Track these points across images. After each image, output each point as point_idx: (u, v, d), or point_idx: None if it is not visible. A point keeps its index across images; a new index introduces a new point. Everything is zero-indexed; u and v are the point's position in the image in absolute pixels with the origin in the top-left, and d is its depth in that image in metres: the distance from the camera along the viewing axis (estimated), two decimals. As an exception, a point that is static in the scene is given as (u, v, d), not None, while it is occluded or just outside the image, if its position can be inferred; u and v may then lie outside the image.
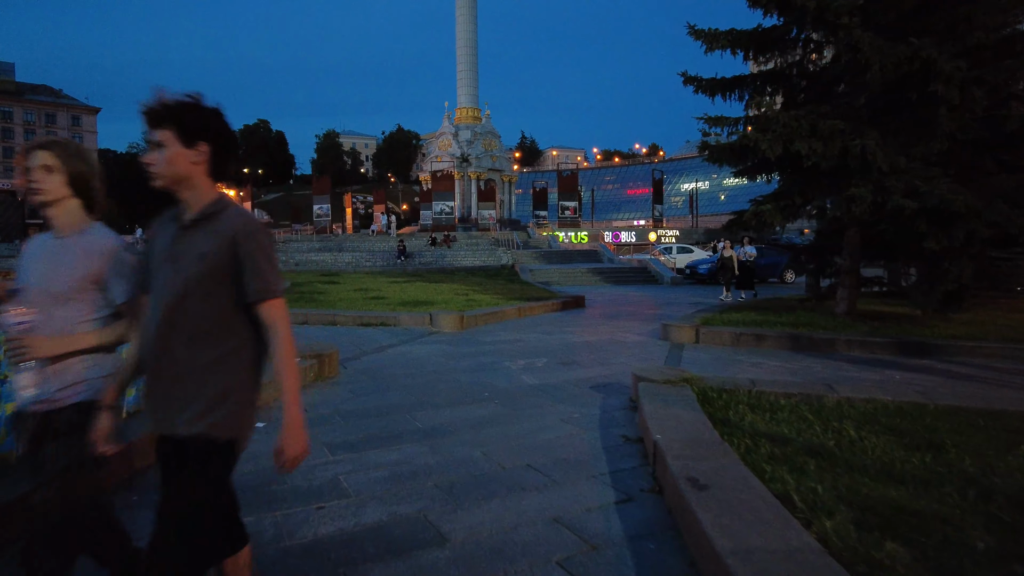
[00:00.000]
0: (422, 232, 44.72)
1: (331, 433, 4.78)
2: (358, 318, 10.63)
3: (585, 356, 7.94)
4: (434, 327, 10.24)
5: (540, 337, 9.57)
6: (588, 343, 9.02)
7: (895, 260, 10.43)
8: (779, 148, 8.74)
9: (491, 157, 51.84)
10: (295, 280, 20.24)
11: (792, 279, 24.88)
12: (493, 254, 32.98)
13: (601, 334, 9.99)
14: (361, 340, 9.08)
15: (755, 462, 3.68)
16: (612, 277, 24.83)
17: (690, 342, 9.05)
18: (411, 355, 7.95)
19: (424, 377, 6.68)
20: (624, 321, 11.90)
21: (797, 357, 8.06)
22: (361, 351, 8.18)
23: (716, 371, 7.10)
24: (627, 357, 7.90)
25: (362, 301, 13.36)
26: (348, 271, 27.19)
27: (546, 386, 6.26)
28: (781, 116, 8.76)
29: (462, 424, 4.98)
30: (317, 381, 6.45)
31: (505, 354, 8.03)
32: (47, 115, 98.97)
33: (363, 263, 32.65)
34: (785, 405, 5.01)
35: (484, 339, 9.34)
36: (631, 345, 8.89)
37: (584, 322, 11.74)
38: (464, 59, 51.36)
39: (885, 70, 8.62)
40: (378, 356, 7.87)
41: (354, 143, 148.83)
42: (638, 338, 9.56)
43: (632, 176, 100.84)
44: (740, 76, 11.46)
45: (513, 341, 9.14)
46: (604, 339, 9.42)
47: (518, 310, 12.38)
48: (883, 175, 8.53)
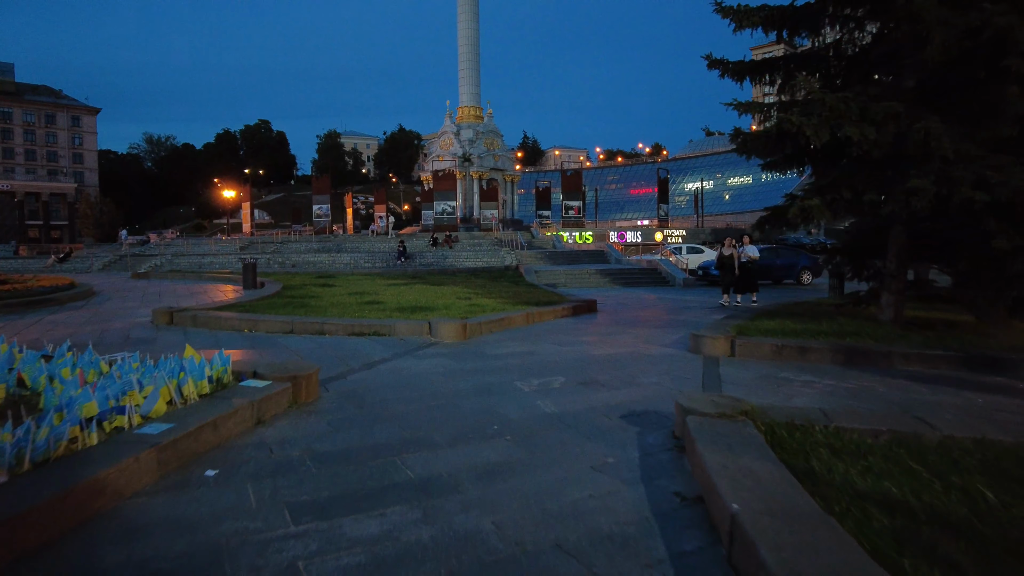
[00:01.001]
0: (423, 232, 43.69)
1: (297, 487, 3.71)
2: (349, 327, 9.55)
3: (608, 374, 6.85)
4: (433, 337, 9.17)
5: (553, 349, 8.48)
6: (609, 357, 7.93)
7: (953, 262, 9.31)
8: (825, 134, 7.65)
9: (493, 156, 50.83)
10: (288, 283, 19.19)
11: (809, 280, 23.75)
12: (496, 255, 31.92)
13: (621, 345, 8.90)
14: (350, 353, 8.00)
15: (879, 547, 2.61)
16: (621, 279, 23.74)
17: (725, 355, 7.96)
18: (406, 372, 6.87)
19: (420, 402, 5.60)
20: (644, 329, 10.82)
21: (851, 374, 6.97)
22: (348, 368, 7.10)
23: (765, 394, 6.02)
24: (658, 375, 6.81)
25: (356, 307, 12.29)
26: (346, 273, 26.15)
27: (567, 415, 5.18)
28: (827, 98, 7.66)
29: (466, 473, 3.90)
30: (291, 408, 5.38)
31: (515, 371, 6.95)
32: (47, 116, 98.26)
33: (362, 264, 31.58)
34: (875, 448, 3.94)
35: (490, 351, 8.26)
36: (658, 359, 7.80)
37: (599, 330, 10.65)
38: (466, 57, 50.38)
39: (947, 44, 7.53)
40: (368, 374, 6.79)
41: (356, 143, 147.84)
42: (664, 350, 8.47)
43: (635, 176, 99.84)
44: (771, 58, 10.37)
45: (523, 354, 8.06)
46: (626, 352, 8.33)
47: (526, 316, 11.30)
48: (947, 164, 7.44)
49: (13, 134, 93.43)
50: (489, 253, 32.54)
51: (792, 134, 8.16)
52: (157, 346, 8.67)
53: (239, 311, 11.23)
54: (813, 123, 7.63)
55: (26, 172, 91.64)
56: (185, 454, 4.11)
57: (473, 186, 49.51)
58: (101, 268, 33.42)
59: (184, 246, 41.12)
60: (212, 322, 10.38)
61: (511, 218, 51.66)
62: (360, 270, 28.49)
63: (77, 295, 15.63)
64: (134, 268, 30.88)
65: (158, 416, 4.52)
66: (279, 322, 9.98)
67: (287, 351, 8.22)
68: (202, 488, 3.70)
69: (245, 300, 13.41)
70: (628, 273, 24.61)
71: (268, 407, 5.13)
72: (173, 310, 10.88)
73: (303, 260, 32.29)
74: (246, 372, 5.71)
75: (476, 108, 52.22)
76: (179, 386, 4.96)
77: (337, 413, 5.28)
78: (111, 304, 14.89)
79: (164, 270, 29.55)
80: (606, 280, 23.63)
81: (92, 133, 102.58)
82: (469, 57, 50.46)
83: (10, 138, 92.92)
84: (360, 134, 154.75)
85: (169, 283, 22.30)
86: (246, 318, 10.31)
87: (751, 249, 15.25)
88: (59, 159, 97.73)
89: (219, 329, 10.18)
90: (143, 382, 4.89)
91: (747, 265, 15.00)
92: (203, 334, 9.75)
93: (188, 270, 28.71)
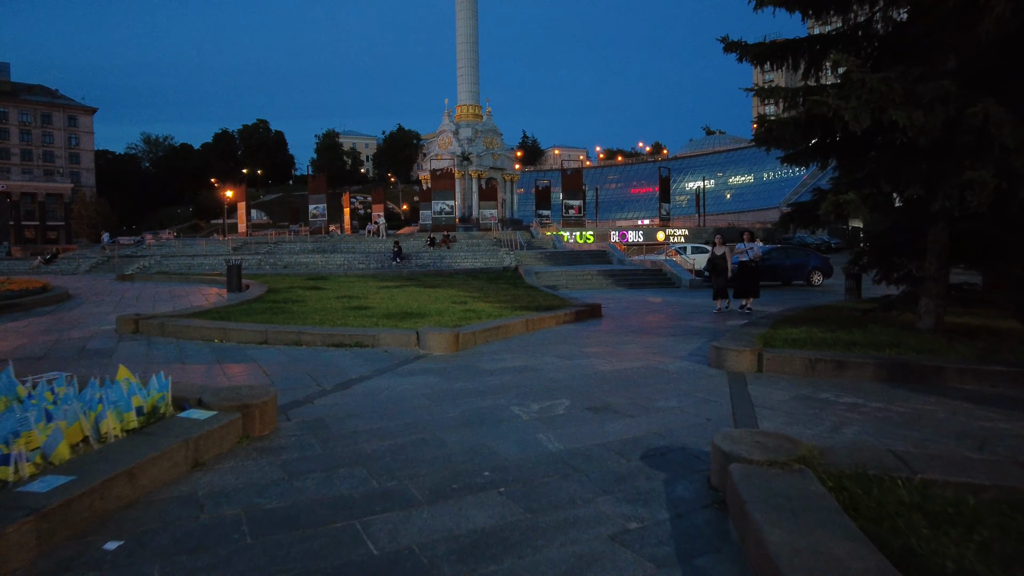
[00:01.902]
0: (421, 232, 42.75)
1: (220, 571, 2.76)
2: (329, 337, 8.60)
3: (620, 395, 5.90)
4: (422, 348, 8.22)
5: (556, 363, 7.53)
6: (619, 373, 6.98)
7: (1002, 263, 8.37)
8: (866, 118, 6.70)
9: (492, 155, 49.91)
10: (275, 285, 18.24)
11: (820, 281, 22.84)
12: (495, 255, 30.97)
13: (632, 357, 7.95)
14: (325, 369, 7.05)
15: None
16: (625, 280, 22.79)
17: (751, 370, 7.01)
18: (385, 395, 5.92)
19: (397, 436, 4.66)
20: (654, 337, 9.87)
21: (899, 394, 6.03)
22: (319, 388, 6.15)
23: (807, 421, 5.08)
24: (678, 396, 5.86)
25: (341, 312, 11.35)
26: (339, 274, 25.20)
27: (575, 455, 4.24)
28: (869, 79, 6.71)
29: (445, 546, 2.96)
30: (241, 445, 4.44)
31: (512, 392, 6.00)
32: (43, 115, 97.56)
33: (356, 265, 30.62)
34: (981, 512, 3.00)
35: (484, 366, 7.31)
36: (676, 376, 6.85)
37: (606, 338, 9.71)
38: (464, 55, 49.48)
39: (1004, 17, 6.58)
40: (340, 397, 5.84)
41: (354, 143, 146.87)
42: (681, 364, 7.51)
43: (636, 175, 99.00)
44: (794, 40, 9.43)
45: (522, 370, 7.10)
46: (638, 366, 7.38)
47: (525, 323, 10.35)
48: (1007, 153, 6.50)
49: (9, 134, 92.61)
50: (488, 253, 31.59)
51: (825, 120, 7.21)
52: (113, 360, 7.73)
53: (211, 318, 10.29)
54: (852, 106, 6.68)
55: (22, 172, 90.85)
56: (82, 518, 3.17)
57: (472, 185, 48.58)
58: (88, 269, 32.48)
59: (175, 247, 40.16)
60: (181, 331, 9.43)
61: (510, 218, 50.75)
62: (353, 271, 27.54)
63: (47, 299, 14.68)
64: (121, 270, 29.92)
65: (61, 462, 3.59)
66: (252, 331, 9.04)
67: (254, 367, 7.27)
68: (90, 575, 2.76)
69: (222, 305, 12.47)
70: (632, 274, 23.66)
71: (209, 445, 4.19)
72: (139, 318, 9.94)
73: (295, 261, 31.32)
74: (190, 400, 4.77)
75: (475, 106, 51.30)
76: (97, 421, 4.03)
77: (295, 451, 4.33)
78: (81, 309, 13.94)
79: (152, 272, 28.60)
80: (609, 282, 22.68)
81: (89, 133, 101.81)
82: (468, 55, 49.56)
83: (6, 138, 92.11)
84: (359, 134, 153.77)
85: (153, 285, 21.36)
86: (218, 326, 9.37)
87: (759, 247, 13.76)
88: (55, 159, 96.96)
89: (187, 339, 9.24)
90: (53, 415, 3.96)
91: (750, 265, 13.46)
92: (168, 345, 8.81)
93: (176, 272, 27.78)
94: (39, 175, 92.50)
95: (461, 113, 51.15)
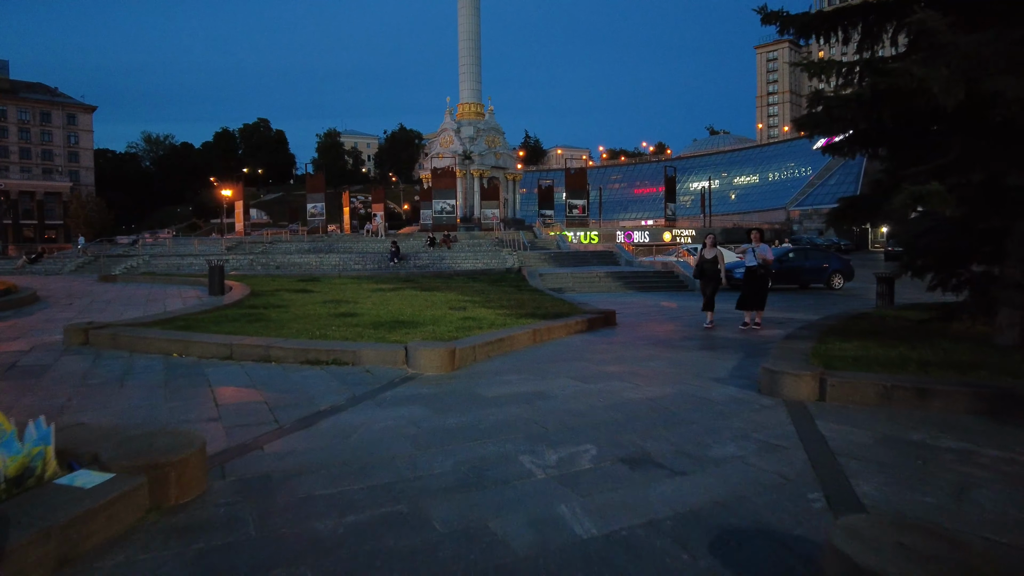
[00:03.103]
0: (422, 232, 41.50)
1: None
2: (303, 352, 7.32)
3: (661, 437, 4.61)
4: (411, 367, 6.93)
5: (572, 387, 6.24)
6: (652, 402, 5.68)
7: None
8: (960, 90, 5.41)
9: (494, 154, 48.69)
10: (261, 287, 16.97)
11: (840, 285, 21.55)
12: (497, 256, 29.69)
13: (662, 379, 6.66)
14: (289, 397, 5.77)
15: None
16: (635, 283, 21.49)
17: (811, 398, 5.72)
18: (358, 437, 4.63)
19: (364, 509, 3.36)
20: (681, 351, 8.58)
21: (1013, 434, 4.74)
22: (275, 425, 4.86)
23: (916, 481, 3.80)
24: (735, 440, 4.56)
25: (324, 320, 10.07)
26: (332, 275, 23.93)
27: (615, 544, 2.95)
28: (962, 42, 5.43)
29: None
30: (147, 520, 3.16)
31: (520, 431, 4.72)
32: (42, 113, 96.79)
33: (351, 266, 29.34)
34: None
35: (486, 391, 6.03)
36: (723, 406, 5.55)
37: (626, 352, 8.42)
38: (467, 52, 48.30)
39: None
40: (299, 440, 4.55)
41: (356, 142, 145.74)
42: (725, 389, 6.21)
43: (639, 175, 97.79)
44: (844, 7, 8.16)
45: (531, 397, 5.81)
46: (672, 392, 6.08)
47: (532, 334, 9.08)
48: None
49: (7, 132, 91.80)
50: (489, 254, 30.31)
51: (899, 95, 5.94)
52: (42, 381, 6.46)
53: (175, 328, 9.03)
54: (942, 76, 5.39)
55: (20, 171, 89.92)
56: None
57: (473, 185, 47.34)
58: (73, 270, 31.26)
59: (166, 246, 38.93)
60: (135, 343, 8.17)
61: (512, 218, 49.53)
62: (348, 272, 26.27)
63: (8, 303, 13.42)
64: (107, 270, 28.69)
65: None
66: (216, 344, 7.76)
67: (203, 393, 5.98)
68: None
69: (194, 311, 11.19)
70: (642, 276, 22.36)
71: (92, 529, 2.91)
72: (91, 327, 8.66)
73: (288, 262, 30.05)
74: (82, 455, 3.50)
75: (477, 105, 50.11)
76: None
77: (218, 534, 3.05)
78: (42, 314, 12.67)
79: (138, 272, 27.37)
80: (618, 284, 21.39)
81: (88, 131, 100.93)
82: (470, 52, 48.37)
83: (4, 136, 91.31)
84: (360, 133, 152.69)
85: (134, 287, 20.12)
86: (179, 338, 8.10)
87: (763, 249, 11.09)
88: (54, 158, 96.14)
89: (142, 352, 7.97)
90: None
91: (758, 271, 10.91)
92: (116, 360, 7.53)
93: (163, 272, 26.55)
94: (38, 174, 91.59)
95: (463, 111, 49.98)
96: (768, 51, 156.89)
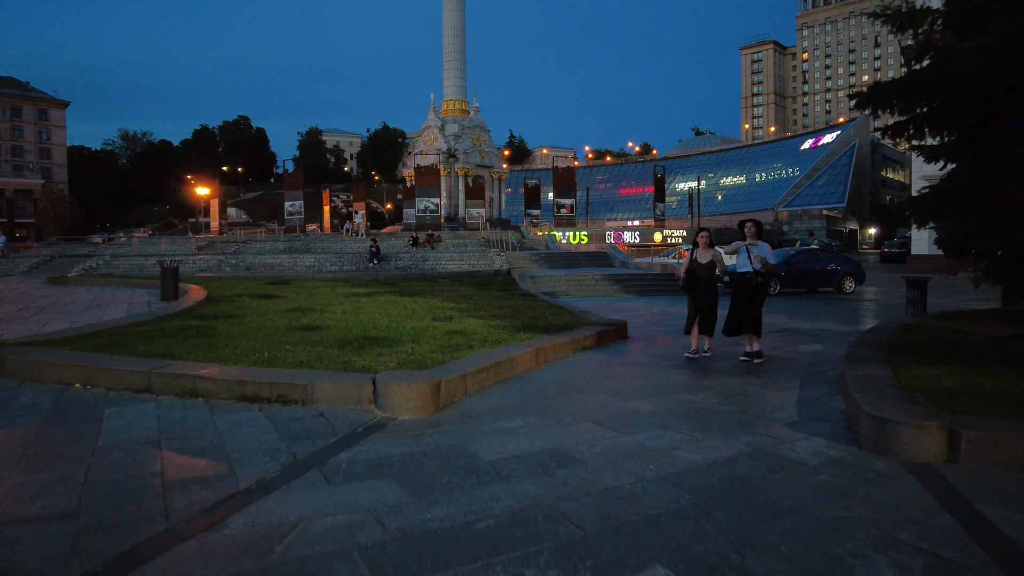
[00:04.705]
0: (404, 231, 39.64)
1: None
2: (239, 384, 5.55)
3: (761, 544, 2.94)
4: (380, 409, 5.20)
5: (602, 442, 4.54)
6: (722, 469, 3.99)
7: None
8: None
9: (480, 152, 46.96)
10: (222, 291, 15.09)
11: (851, 288, 20.19)
12: (484, 256, 27.95)
13: (720, 426, 4.98)
14: (201, 463, 4.01)
15: None
16: (634, 286, 19.88)
17: (938, 459, 4.10)
18: (284, 552, 2.89)
19: None
20: (720, 376, 6.93)
21: None
22: (160, 525, 3.11)
23: None
24: (878, 550, 2.89)
25: (281, 335, 8.29)
26: (306, 277, 22.06)
27: None
28: None
29: None
30: None
31: (543, 538, 3.01)
32: (12, 108, 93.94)
33: (327, 267, 27.40)
34: None
35: (483, 452, 4.30)
36: (824, 475, 3.89)
37: (654, 379, 6.76)
38: (451, 47, 46.55)
39: None
40: (182, 564, 2.82)
41: (338, 141, 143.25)
42: (811, 443, 4.54)
43: (625, 175, 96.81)
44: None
45: (548, 462, 4.10)
46: (745, 450, 4.38)
47: (534, 353, 7.39)
48: None
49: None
50: (476, 255, 28.56)
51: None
52: None
53: (91, 347, 7.21)
54: None
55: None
56: None
57: (458, 183, 45.57)
58: (26, 270, 28.99)
59: (131, 246, 36.64)
60: (28, 369, 6.35)
61: (498, 217, 47.87)
62: (323, 274, 24.37)
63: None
64: (63, 271, 26.52)
65: None
66: (132, 373, 5.97)
67: (82, 450, 4.21)
68: None
69: (125, 323, 9.34)
70: (640, 280, 20.75)
71: None
72: (-22, 347, 6.82)
73: (260, 262, 28.02)
74: None
75: (462, 101, 48.36)
76: None
77: None
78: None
79: (95, 273, 25.26)
80: (616, 288, 19.77)
81: (61, 127, 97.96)
82: (455, 48, 46.62)
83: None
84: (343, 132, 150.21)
85: (83, 290, 18.09)
86: (86, 363, 6.30)
87: (762, 249, 7.93)
88: (25, 154, 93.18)
89: (35, 380, 6.16)
90: None
91: (755, 280, 7.83)
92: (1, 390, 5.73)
93: (122, 274, 24.45)
94: (7, 170, 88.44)
95: (447, 108, 48.19)
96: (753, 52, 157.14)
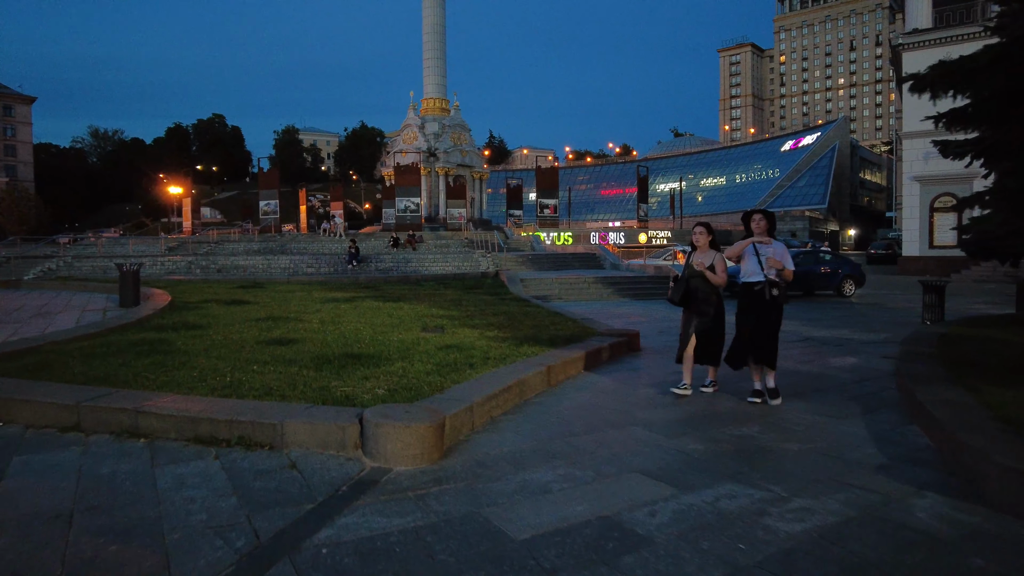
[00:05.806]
0: (384, 232, 38.42)
1: None
2: (192, 422, 4.45)
3: None
4: (370, 457, 4.13)
5: (664, 505, 3.52)
6: (832, 547, 2.99)
7: None
8: None
9: (460, 152, 45.96)
10: (187, 297, 13.83)
11: (851, 291, 19.52)
12: (468, 258, 26.89)
13: (801, 475, 3.99)
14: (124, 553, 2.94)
15: None
16: (628, 290, 18.97)
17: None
18: None
19: None
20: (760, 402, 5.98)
21: None
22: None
23: None
24: None
25: (249, 351, 7.16)
26: (280, 280, 20.80)
27: None
28: None
29: None
30: None
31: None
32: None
33: (304, 269, 26.12)
34: None
35: (507, 524, 3.24)
36: (960, 555, 2.93)
37: (696, 408, 5.78)
38: (431, 45, 45.54)
39: None
40: None
41: (315, 140, 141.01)
42: (925, 501, 3.57)
43: (606, 176, 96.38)
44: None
45: (601, 542, 3.05)
46: (850, 514, 3.39)
47: (546, 373, 6.37)
48: None
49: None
50: (460, 256, 27.48)
51: None
52: None
53: (16, 368, 6.03)
54: None
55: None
56: None
57: (439, 183, 44.47)
58: (-20, 273, 27.32)
59: (95, 247, 34.91)
60: (-68, 399, 5.17)
61: (479, 217, 46.91)
62: (299, 277, 23.11)
63: None
64: (18, 273, 24.89)
65: None
66: (58, 406, 4.83)
67: None
68: None
69: (67, 337, 8.12)
70: (634, 282, 19.86)
71: None
72: None
73: (232, 264, 26.63)
74: None
75: (442, 100, 47.29)
76: None
77: None
78: None
79: (54, 276, 23.73)
80: (610, 291, 18.85)
81: (27, 124, 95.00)
82: (434, 46, 45.61)
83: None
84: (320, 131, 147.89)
85: (35, 295, 16.66)
86: (5, 391, 5.14)
87: (778, 250, 5.86)
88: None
89: (-61, 416, 4.99)
90: None
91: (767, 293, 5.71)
92: None
93: (83, 277, 22.94)
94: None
95: (427, 107, 47.11)
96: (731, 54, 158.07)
